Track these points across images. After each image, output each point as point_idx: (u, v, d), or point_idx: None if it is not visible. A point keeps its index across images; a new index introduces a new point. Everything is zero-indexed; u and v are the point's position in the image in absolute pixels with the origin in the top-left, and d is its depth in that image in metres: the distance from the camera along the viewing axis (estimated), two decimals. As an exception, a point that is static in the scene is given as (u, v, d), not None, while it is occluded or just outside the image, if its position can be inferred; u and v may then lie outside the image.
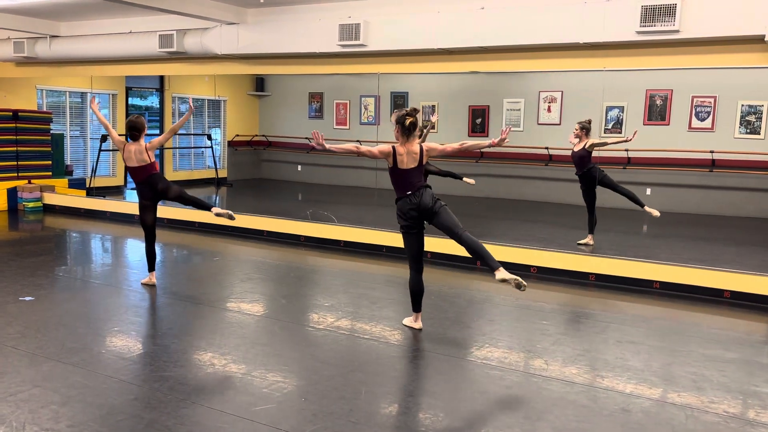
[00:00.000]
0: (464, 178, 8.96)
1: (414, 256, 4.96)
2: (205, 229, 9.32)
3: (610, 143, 8.30)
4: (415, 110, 4.87)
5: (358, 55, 8.17)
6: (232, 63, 9.31)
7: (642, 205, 7.88)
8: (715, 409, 3.78)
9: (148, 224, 6.14)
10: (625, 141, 8.11)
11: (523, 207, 12.01)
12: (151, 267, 6.22)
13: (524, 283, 4.49)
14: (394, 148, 4.82)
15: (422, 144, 4.91)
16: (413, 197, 4.81)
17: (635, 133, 7.86)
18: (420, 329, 5.05)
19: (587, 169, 7.90)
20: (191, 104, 6.28)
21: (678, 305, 6.16)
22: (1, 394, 3.70)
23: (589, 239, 8.02)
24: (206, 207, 6.21)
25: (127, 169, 6.07)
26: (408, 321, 5.14)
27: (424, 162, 4.88)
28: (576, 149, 7.96)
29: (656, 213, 7.77)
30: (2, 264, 6.93)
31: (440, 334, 5.02)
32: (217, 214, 6.04)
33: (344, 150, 4.84)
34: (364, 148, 4.84)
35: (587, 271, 6.87)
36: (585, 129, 7.92)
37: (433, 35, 7.37)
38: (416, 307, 5.06)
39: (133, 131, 5.94)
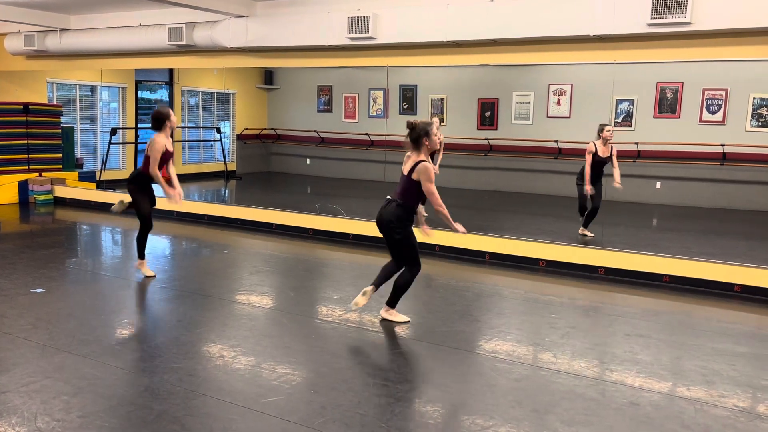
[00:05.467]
0: None
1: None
2: (214, 222, 9.35)
3: (615, 165, 8.26)
4: (412, 124, 4.82)
5: (367, 48, 8.15)
6: (241, 56, 9.31)
7: (584, 226, 8.27)
8: (725, 403, 3.76)
9: (148, 213, 6.19)
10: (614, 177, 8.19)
11: (533, 200, 11.98)
12: (144, 254, 6.27)
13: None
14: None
15: (422, 163, 4.74)
16: (383, 205, 4.96)
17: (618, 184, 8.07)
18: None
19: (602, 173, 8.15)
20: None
21: (688, 299, 6.14)
22: (13, 385, 3.73)
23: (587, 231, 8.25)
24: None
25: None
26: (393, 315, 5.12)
27: (413, 177, 4.74)
28: (605, 155, 8.10)
29: (589, 235, 8.16)
30: (14, 256, 6.98)
31: (448, 327, 5.02)
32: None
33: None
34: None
35: (597, 265, 6.85)
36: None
37: (442, 28, 7.34)
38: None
39: (152, 121, 5.99)
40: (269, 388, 3.79)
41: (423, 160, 4.78)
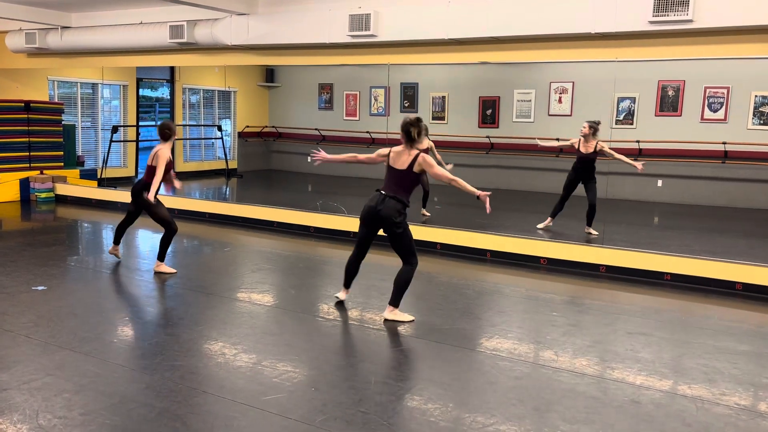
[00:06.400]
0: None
1: (357, 241, 5.32)
2: (215, 219, 9.36)
3: (617, 158, 8.10)
4: (419, 120, 5.00)
5: (368, 45, 8.15)
6: (242, 54, 9.31)
7: (588, 224, 8.24)
8: (726, 402, 3.76)
9: (168, 217, 6.42)
10: (632, 166, 8.08)
11: (534, 198, 11.95)
12: (164, 257, 6.38)
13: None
14: (391, 150, 5.03)
15: (421, 154, 4.92)
16: (375, 200, 4.99)
17: (643, 165, 8.07)
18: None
19: (592, 170, 8.01)
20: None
21: (689, 297, 6.13)
22: (15, 382, 3.74)
23: (549, 222, 8.37)
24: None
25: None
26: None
27: (415, 169, 4.92)
28: (586, 151, 8.00)
29: (594, 234, 8.08)
30: (15, 254, 6.99)
31: (450, 325, 5.02)
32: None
33: (345, 159, 5.31)
34: (362, 156, 5.20)
35: (598, 263, 6.85)
36: (594, 130, 7.99)
37: (443, 25, 7.33)
38: (346, 282, 5.39)
39: (160, 132, 6.30)
40: (270, 386, 3.79)
41: (420, 152, 4.94)
